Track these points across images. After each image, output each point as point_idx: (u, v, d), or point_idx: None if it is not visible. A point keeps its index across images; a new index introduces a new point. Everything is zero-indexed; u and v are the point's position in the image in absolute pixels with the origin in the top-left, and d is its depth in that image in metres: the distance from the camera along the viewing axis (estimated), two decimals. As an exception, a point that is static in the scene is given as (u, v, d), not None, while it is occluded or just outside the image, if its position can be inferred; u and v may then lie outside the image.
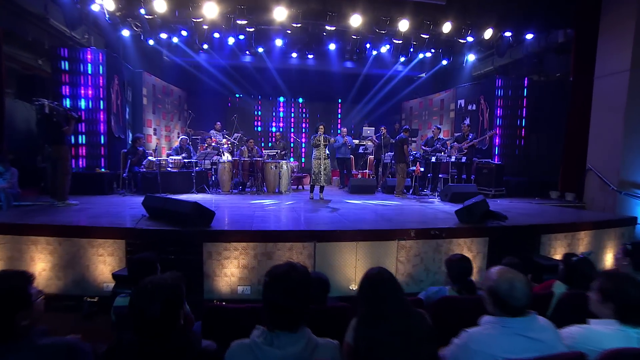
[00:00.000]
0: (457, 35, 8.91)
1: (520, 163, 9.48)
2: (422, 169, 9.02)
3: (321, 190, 7.58)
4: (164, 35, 9.21)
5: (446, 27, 8.59)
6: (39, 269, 4.24)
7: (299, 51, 11.10)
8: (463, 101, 10.63)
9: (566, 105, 8.46)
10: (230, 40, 9.73)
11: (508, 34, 8.97)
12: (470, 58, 10.70)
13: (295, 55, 11.58)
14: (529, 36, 9.19)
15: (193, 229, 4.35)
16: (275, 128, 13.75)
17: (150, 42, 9.53)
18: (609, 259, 5.48)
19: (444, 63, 11.12)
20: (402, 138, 8.13)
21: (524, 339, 1.69)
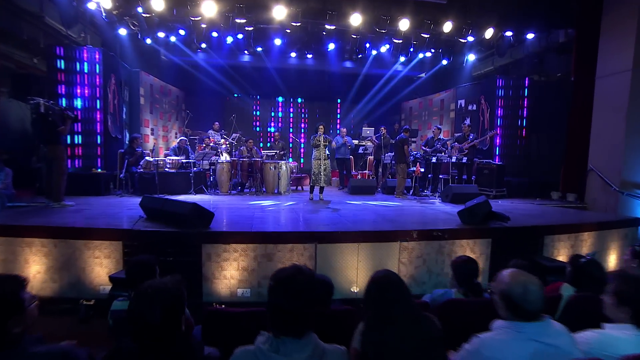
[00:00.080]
0: (458, 35, 8.88)
1: (521, 163, 9.44)
2: (423, 170, 8.97)
3: (321, 191, 7.52)
4: (161, 34, 9.12)
5: (447, 27, 8.55)
6: (34, 271, 4.16)
7: (298, 51, 11.04)
8: (463, 101, 10.59)
9: (567, 105, 8.45)
10: (229, 39, 9.65)
11: (509, 33, 8.95)
12: (471, 58, 10.67)
13: (295, 54, 11.52)
14: (530, 36, 9.16)
15: (192, 231, 4.28)
16: (273, 128, 13.66)
17: (148, 41, 9.43)
18: (613, 260, 5.43)
19: (444, 63, 11.09)
20: (403, 138, 8.09)
21: (538, 345, 1.63)
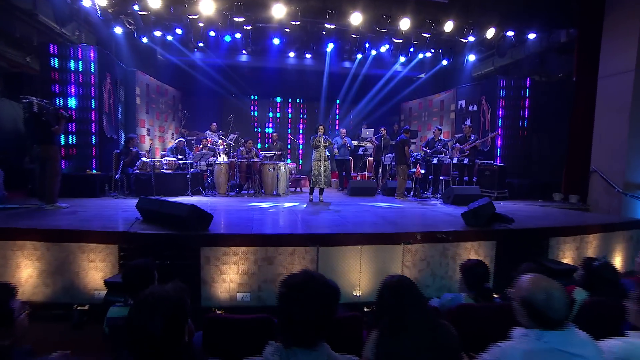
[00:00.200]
0: (459, 35, 8.81)
1: (522, 165, 9.38)
2: (423, 171, 8.89)
3: (321, 193, 7.43)
4: (158, 33, 8.96)
5: (448, 26, 8.48)
6: (26, 275, 4.03)
7: (296, 50, 10.93)
8: (464, 102, 10.53)
9: (569, 106, 8.41)
10: (227, 38, 9.53)
11: (510, 33, 8.90)
12: (471, 58, 10.61)
13: (293, 54, 11.42)
14: (532, 36, 9.12)
15: (190, 233, 4.18)
16: (271, 129, 13.54)
17: (144, 40, 9.28)
18: (618, 262, 5.37)
19: (444, 63, 11.04)
20: (403, 139, 8.02)
21: (563, 355, 1.53)
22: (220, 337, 2.32)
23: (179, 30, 9.10)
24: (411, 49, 9.78)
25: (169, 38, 9.45)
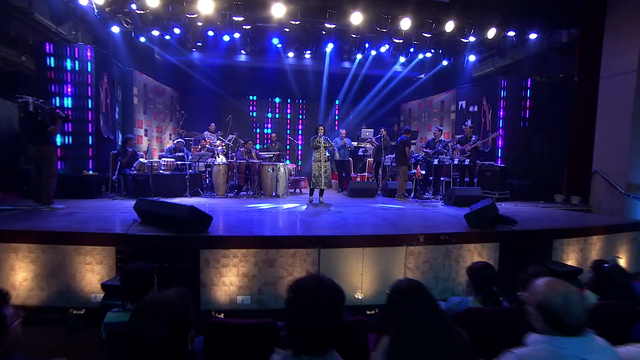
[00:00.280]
0: (460, 35, 8.78)
1: (523, 165, 9.35)
2: (423, 172, 8.84)
3: (321, 194, 7.36)
4: (156, 32, 8.89)
5: (449, 26, 8.44)
6: (20, 278, 3.94)
7: (296, 50, 10.88)
8: (464, 102, 10.49)
9: (570, 106, 8.37)
10: (226, 38, 9.46)
11: (511, 33, 8.87)
12: (471, 59, 10.57)
13: (292, 54, 11.35)
14: (533, 36, 9.08)
15: (189, 235, 4.11)
16: (270, 129, 13.46)
17: (142, 40, 9.21)
18: (622, 264, 5.30)
19: (444, 64, 11.01)
20: (404, 140, 7.96)
21: (582, 363, 1.45)
22: (222, 343, 2.24)
23: (177, 30, 9.03)
24: (411, 49, 9.75)
25: (167, 37, 9.36)
